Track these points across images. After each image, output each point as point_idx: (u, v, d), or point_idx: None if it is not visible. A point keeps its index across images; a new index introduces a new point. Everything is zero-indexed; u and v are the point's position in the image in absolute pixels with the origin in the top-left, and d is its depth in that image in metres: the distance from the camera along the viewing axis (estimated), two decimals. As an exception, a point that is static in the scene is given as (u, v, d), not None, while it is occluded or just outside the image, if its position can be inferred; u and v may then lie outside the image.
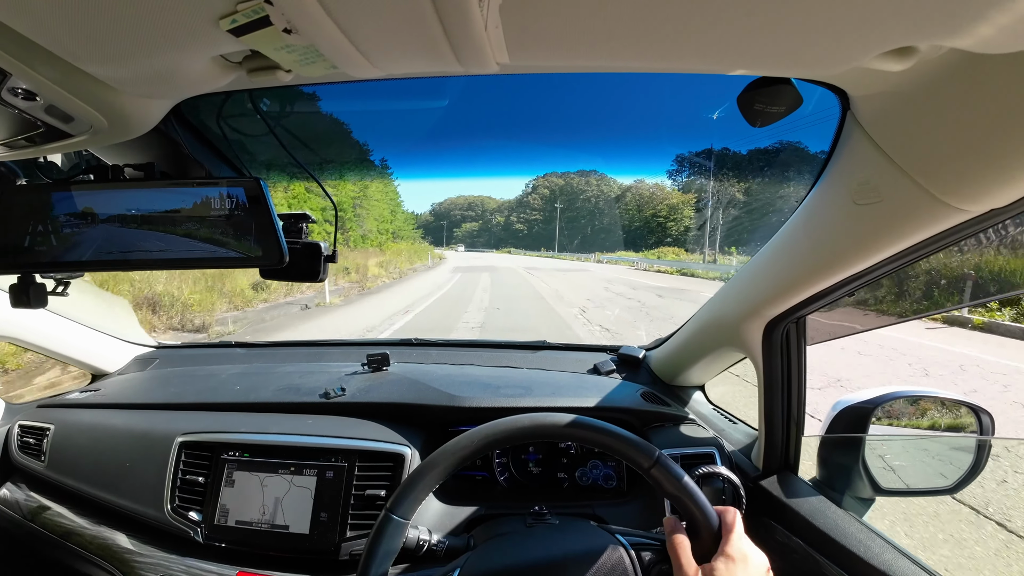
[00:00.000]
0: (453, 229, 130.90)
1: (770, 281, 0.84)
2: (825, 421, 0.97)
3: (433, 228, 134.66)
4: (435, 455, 0.66)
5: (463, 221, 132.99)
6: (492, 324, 8.19)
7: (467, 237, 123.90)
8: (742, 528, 0.62)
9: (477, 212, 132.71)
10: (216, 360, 1.56)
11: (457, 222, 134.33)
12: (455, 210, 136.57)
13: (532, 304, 11.17)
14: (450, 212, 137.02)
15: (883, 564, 0.71)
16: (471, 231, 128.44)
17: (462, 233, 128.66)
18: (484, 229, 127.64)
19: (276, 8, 0.33)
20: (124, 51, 0.41)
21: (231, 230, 0.64)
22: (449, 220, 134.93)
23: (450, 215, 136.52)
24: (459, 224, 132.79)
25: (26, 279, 0.70)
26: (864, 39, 0.37)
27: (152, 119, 0.59)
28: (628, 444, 0.65)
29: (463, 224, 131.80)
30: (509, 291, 14.28)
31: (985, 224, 0.54)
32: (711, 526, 0.61)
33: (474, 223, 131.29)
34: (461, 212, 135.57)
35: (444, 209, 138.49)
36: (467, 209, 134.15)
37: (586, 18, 0.35)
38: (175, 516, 0.98)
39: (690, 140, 47.53)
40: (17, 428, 1.23)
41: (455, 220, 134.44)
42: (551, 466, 1.14)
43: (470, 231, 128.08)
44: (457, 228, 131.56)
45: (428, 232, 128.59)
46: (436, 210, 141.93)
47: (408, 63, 0.42)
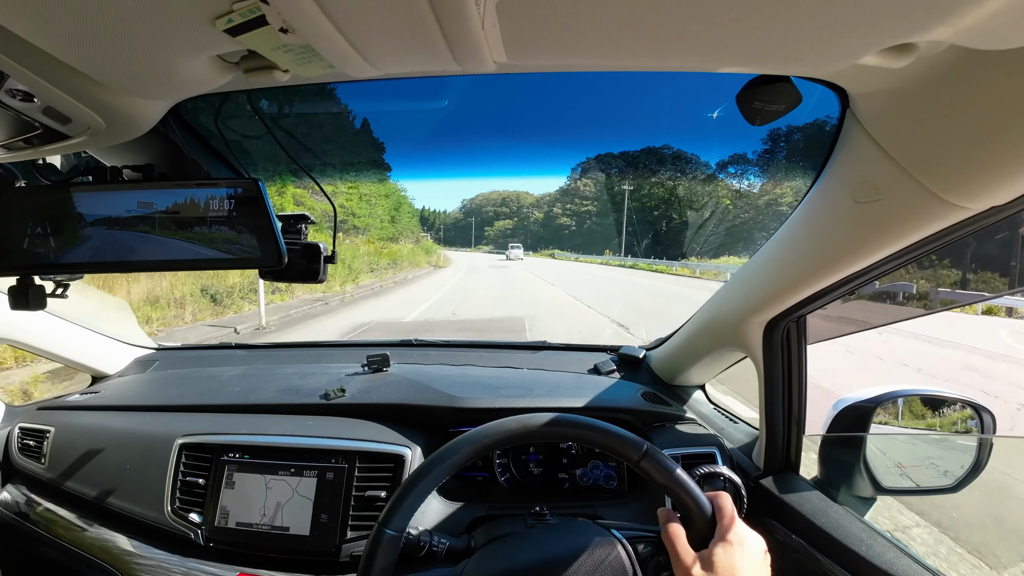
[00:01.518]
0: (484, 228, 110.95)
1: (770, 280, 0.84)
2: (826, 420, 0.97)
3: (462, 226, 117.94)
4: (424, 465, 0.66)
5: (496, 218, 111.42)
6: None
7: (500, 236, 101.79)
8: (735, 512, 0.62)
9: (512, 208, 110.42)
10: (216, 362, 1.55)
11: (489, 219, 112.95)
12: (487, 206, 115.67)
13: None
14: (481, 209, 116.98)
15: (885, 563, 0.71)
16: (504, 229, 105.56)
17: (494, 232, 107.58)
18: (520, 227, 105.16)
19: (272, 8, 0.33)
20: (121, 52, 0.41)
21: (230, 231, 0.64)
22: (480, 217, 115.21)
23: (481, 212, 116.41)
24: (491, 222, 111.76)
25: (25, 281, 0.70)
26: (863, 36, 0.37)
27: (150, 120, 0.59)
28: (616, 438, 0.65)
29: (495, 222, 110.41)
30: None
31: (985, 221, 0.54)
32: (704, 514, 0.62)
33: (507, 220, 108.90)
34: (494, 208, 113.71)
35: (476, 206, 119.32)
36: (500, 205, 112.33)
37: (584, 17, 0.35)
38: (175, 518, 0.98)
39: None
40: (17, 430, 1.23)
41: (487, 217, 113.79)
42: (552, 466, 1.13)
43: (503, 229, 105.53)
44: (489, 226, 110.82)
45: (457, 231, 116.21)
46: (467, 207, 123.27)
47: (405, 62, 0.42)
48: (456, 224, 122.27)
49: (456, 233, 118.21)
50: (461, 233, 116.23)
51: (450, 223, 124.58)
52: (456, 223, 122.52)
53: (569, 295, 13.59)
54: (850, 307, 0.85)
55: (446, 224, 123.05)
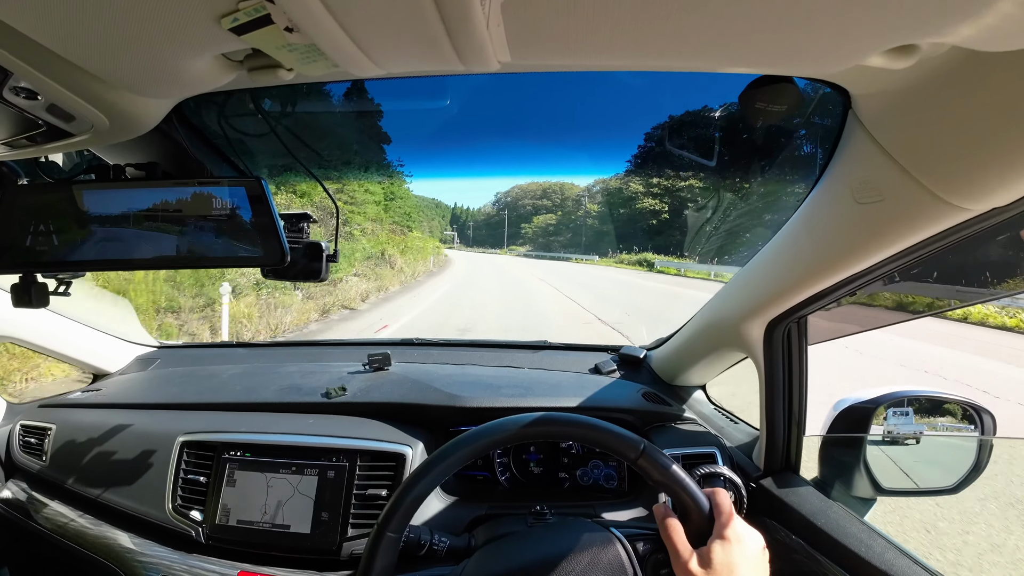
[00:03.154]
0: (520, 224, 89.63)
1: (771, 281, 0.84)
2: (826, 421, 0.97)
3: (494, 223, 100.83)
4: (424, 465, 0.66)
5: (535, 212, 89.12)
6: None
7: (541, 234, 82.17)
8: (733, 509, 0.63)
9: (555, 200, 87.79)
10: (217, 360, 1.56)
11: (526, 215, 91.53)
12: (524, 199, 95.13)
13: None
14: (518, 203, 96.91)
15: (885, 564, 0.71)
16: (545, 226, 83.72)
17: (533, 229, 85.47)
18: (565, 223, 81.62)
19: (277, 7, 0.33)
20: (125, 50, 0.41)
21: (233, 230, 0.64)
22: (516, 212, 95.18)
23: (518, 206, 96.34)
24: (528, 217, 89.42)
25: (28, 279, 0.70)
26: (866, 37, 0.37)
27: (154, 118, 0.59)
28: (614, 437, 0.65)
29: (535, 217, 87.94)
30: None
31: (987, 223, 0.54)
32: (702, 510, 0.62)
33: (550, 215, 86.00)
34: (532, 201, 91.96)
35: (512, 199, 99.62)
36: (540, 197, 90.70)
37: (587, 16, 0.35)
38: (176, 515, 0.98)
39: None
40: (19, 428, 1.23)
41: (524, 212, 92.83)
42: (552, 466, 1.13)
43: (543, 226, 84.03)
44: (526, 223, 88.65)
45: (489, 229, 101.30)
46: (500, 201, 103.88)
47: (410, 62, 0.42)
48: (488, 221, 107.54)
49: (487, 231, 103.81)
50: (493, 231, 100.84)
51: (481, 220, 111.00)
52: (488, 220, 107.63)
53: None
54: (851, 308, 0.85)
55: (476, 221, 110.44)
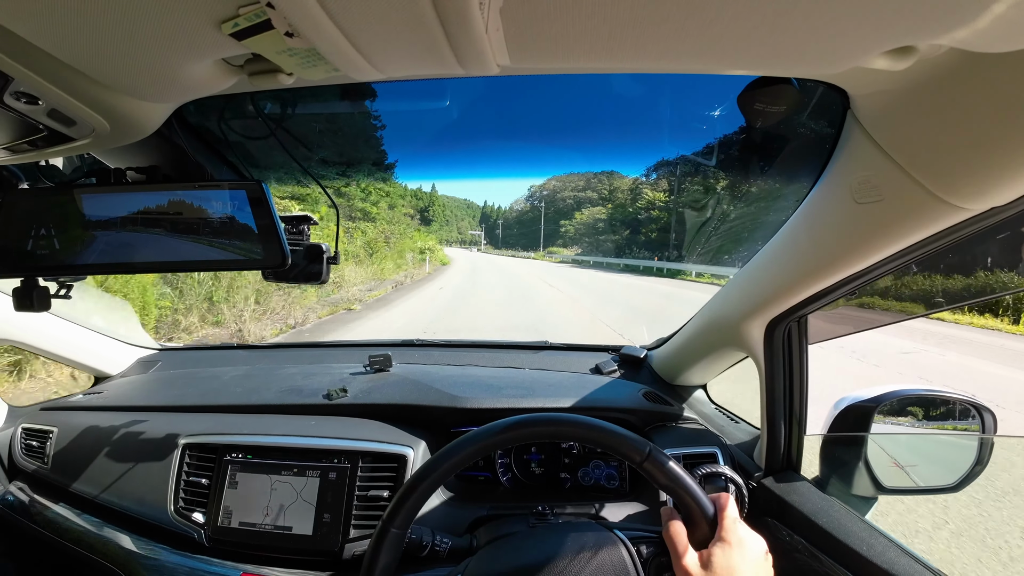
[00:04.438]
0: (560, 221, 71.57)
1: (771, 280, 0.84)
2: (827, 420, 0.97)
3: (527, 220, 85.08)
4: (427, 464, 0.66)
5: (577, 207, 70.14)
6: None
7: (588, 231, 62.05)
8: (737, 513, 0.63)
9: (602, 192, 66.33)
10: (218, 362, 1.56)
11: (566, 210, 73.35)
12: (564, 192, 77.76)
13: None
14: (556, 196, 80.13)
15: (886, 563, 0.71)
16: (592, 222, 61.80)
17: (574, 227, 66.55)
18: (619, 218, 54.37)
19: (278, 12, 0.33)
20: (126, 54, 0.41)
21: (233, 233, 0.64)
22: (555, 207, 78.41)
23: (556, 200, 79.54)
24: (569, 212, 71.31)
25: (29, 282, 0.70)
26: (864, 39, 0.37)
27: (154, 122, 0.59)
28: (620, 439, 0.65)
29: (577, 212, 68.23)
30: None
31: (986, 222, 0.54)
32: (706, 514, 0.62)
33: (597, 208, 63.64)
34: (573, 194, 74.41)
35: (548, 193, 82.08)
36: (584, 189, 72.08)
37: (586, 19, 0.36)
38: (178, 517, 0.98)
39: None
40: (20, 431, 1.23)
41: (564, 207, 75.26)
42: (553, 466, 1.14)
43: (590, 222, 62.55)
44: (566, 219, 69.92)
45: (521, 227, 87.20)
46: (535, 195, 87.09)
47: (409, 65, 0.42)
48: (520, 218, 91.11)
49: (520, 230, 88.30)
50: (526, 229, 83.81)
51: (512, 218, 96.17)
52: (520, 216, 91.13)
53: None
54: (851, 307, 0.85)
55: (507, 219, 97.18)
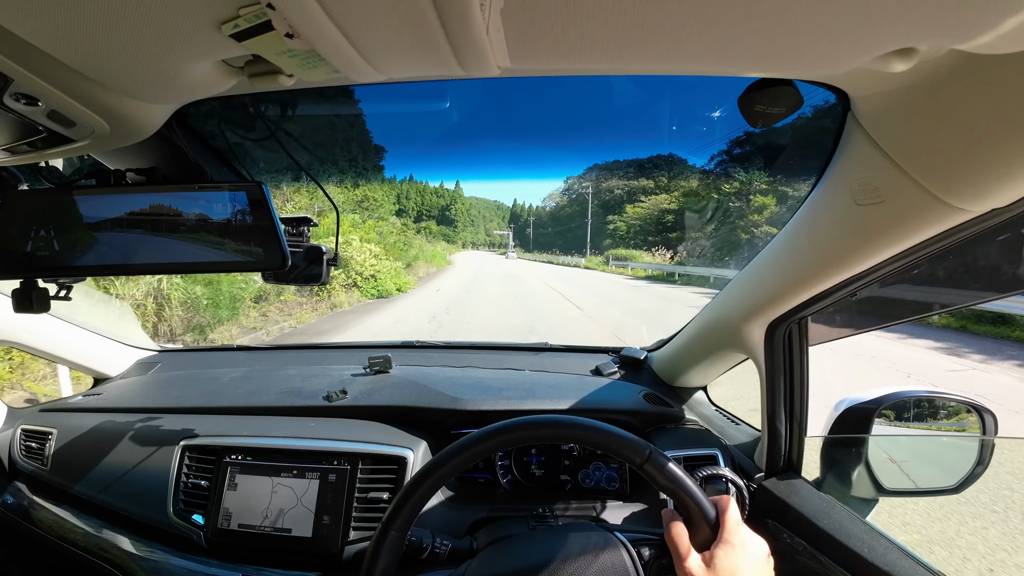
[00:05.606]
0: (608, 216, 51.25)
1: (771, 282, 0.84)
2: (828, 421, 0.97)
3: (563, 216, 66.37)
4: (428, 465, 0.66)
5: (629, 198, 46.83)
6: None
7: (638, 230, 40.77)
8: (739, 516, 0.63)
9: (659, 179, 36.41)
10: (218, 363, 1.56)
11: (613, 202, 52.66)
12: (611, 180, 52.74)
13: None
14: (601, 186, 57.28)
15: (887, 564, 0.71)
16: (657, 213, 39.17)
17: (626, 224, 44.58)
18: (698, 208, 26.58)
19: (278, 13, 0.33)
20: (126, 56, 0.41)
21: (233, 234, 0.64)
22: (600, 200, 57.99)
23: (601, 191, 57.71)
24: (617, 205, 50.55)
25: (29, 284, 0.70)
26: (865, 40, 0.37)
27: (154, 124, 0.59)
28: (621, 441, 0.65)
29: (629, 206, 44.85)
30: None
31: (986, 223, 0.54)
32: (708, 516, 0.62)
33: (659, 196, 39.98)
34: (624, 182, 48.98)
35: (591, 182, 59.53)
36: (635, 176, 40.19)
37: (586, 21, 0.35)
38: (178, 519, 0.98)
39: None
40: (19, 432, 1.23)
41: (610, 199, 54.15)
42: (554, 468, 1.13)
43: (652, 214, 40.04)
44: (615, 213, 49.23)
45: (556, 224, 69.36)
46: (571, 189, 67.33)
47: (409, 67, 0.42)
48: (556, 214, 72.38)
49: (555, 228, 70.01)
50: (562, 227, 65.09)
51: (545, 215, 79.09)
52: (556, 212, 72.26)
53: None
54: (852, 308, 0.85)
55: (539, 218, 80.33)
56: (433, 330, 7.88)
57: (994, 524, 2.51)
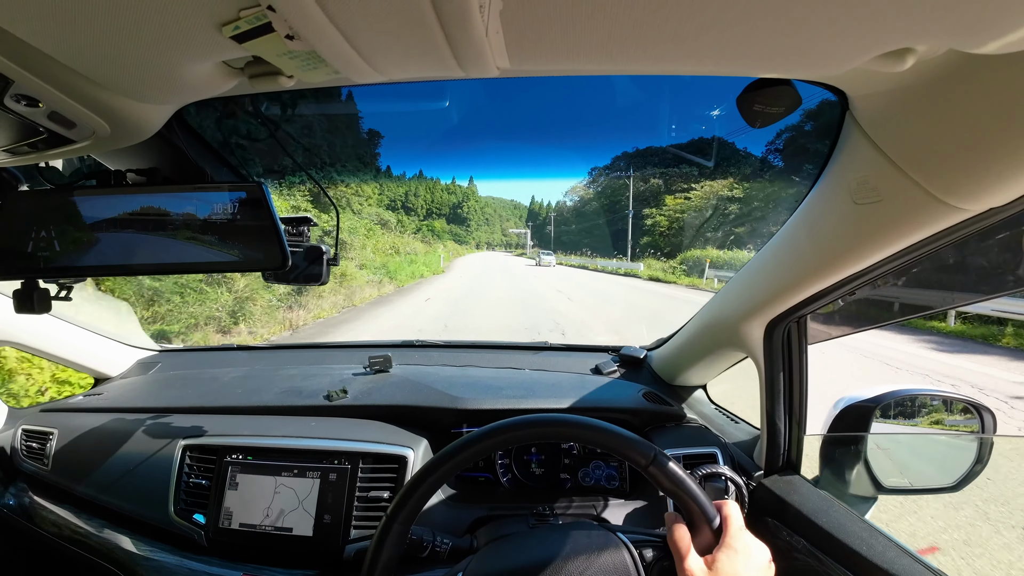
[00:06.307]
0: (642, 211, 34.34)
1: (771, 281, 0.84)
2: (827, 420, 0.97)
3: (591, 212, 56.66)
4: (432, 462, 0.67)
5: (668, 187, 31.55)
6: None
7: (699, 222, 24.31)
8: (742, 521, 0.63)
9: (702, 170, 24.81)
10: (218, 363, 1.56)
11: (649, 193, 35.50)
12: (646, 168, 37.14)
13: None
14: (633, 175, 37.30)
15: (886, 562, 0.71)
16: (717, 204, 25.37)
17: (667, 218, 29.19)
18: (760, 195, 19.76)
19: (278, 15, 0.34)
20: (127, 57, 0.41)
21: (233, 234, 0.64)
22: (634, 190, 36.91)
23: (636, 187, 36.68)
24: (655, 196, 33.71)
25: (29, 284, 0.70)
26: (864, 40, 0.37)
27: (154, 124, 0.59)
28: (626, 442, 0.65)
29: (668, 197, 30.71)
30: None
31: (984, 223, 0.54)
32: (711, 520, 0.62)
33: (716, 183, 25.51)
34: (662, 170, 32.55)
35: (621, 171, 46.30)
36: (672, 163, 29.57)
37: (585, 22, 0.36)
38: (179, 519, 0.98)
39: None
40: (20, 433, 1.23)
41: (645, 189, 36.92)
42: (554, 467, 1.14)
43: (708, 204, 25.78)
44: (652, 208, 32.54)
45: (582, 222, 58.91)
46: (597, 181, 55.23)
47: (409, 68, 0.43)
48: (580, 209, 62.81)
49: (579, 225, 60.63)
50: (588, 224, 56.11)
51: (568, 211, 68.56)
52: (580, 208, 62.80)
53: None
54: (851, 307, 0.85)
55: (560, 214, 69.87)
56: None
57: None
